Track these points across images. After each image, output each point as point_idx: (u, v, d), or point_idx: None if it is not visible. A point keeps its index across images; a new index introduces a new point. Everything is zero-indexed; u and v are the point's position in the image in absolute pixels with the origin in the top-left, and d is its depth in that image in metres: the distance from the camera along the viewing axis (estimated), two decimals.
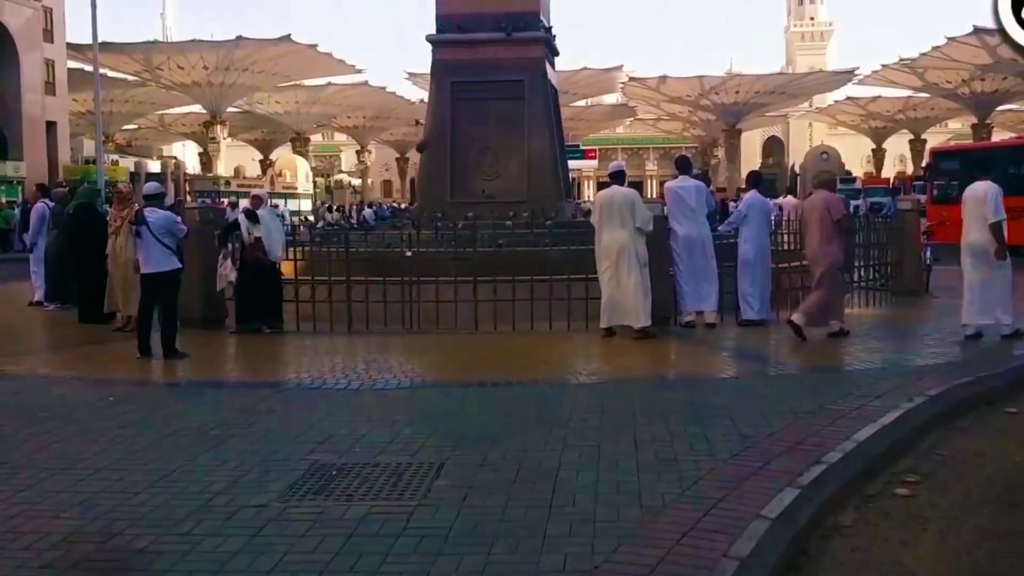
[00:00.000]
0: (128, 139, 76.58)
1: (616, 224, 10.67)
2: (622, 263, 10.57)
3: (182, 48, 59.47)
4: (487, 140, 17.09)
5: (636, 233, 10.58)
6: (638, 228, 10.57)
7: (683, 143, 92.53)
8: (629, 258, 10.55)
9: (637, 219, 10.58)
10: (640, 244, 10.61)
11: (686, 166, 12.65)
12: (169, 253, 9.79)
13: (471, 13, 17.10)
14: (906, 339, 11.54)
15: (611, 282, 10.68)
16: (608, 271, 10.70)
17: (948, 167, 28.01)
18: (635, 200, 10.83)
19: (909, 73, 64.88)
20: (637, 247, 10.57)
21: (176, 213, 11.37)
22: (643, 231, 10.61)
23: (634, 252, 10.55)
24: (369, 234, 17.00)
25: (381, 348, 10.63)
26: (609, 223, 10.76)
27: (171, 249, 9.82)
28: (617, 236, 10.63)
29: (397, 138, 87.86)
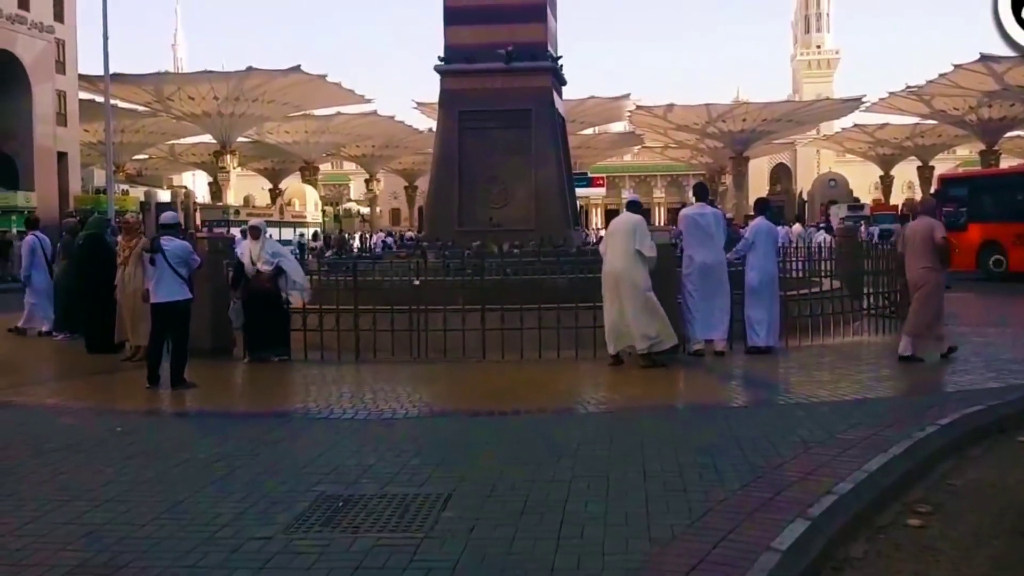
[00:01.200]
0: (138, 169, 77.06)
1: (618, 251, 10.64)
2: (623, 290, 10.53)
3: (193, 79, 59.99)
4: (495, 169, 17.18)
5: (636, 257, 10.49)
6: (638, 251, 10.49)
7: (690, 171, 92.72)
8: (629, 285, 10.48)
9: (638, 242, 10.53)
10: (640, 270, 10.50)
11: (704, 193, 12.66)
12: (181, 283, 9.78)
13: (479, 44, 17.25)
14: (916, 367, 11.44)
15: (612, 308, 10.64)
16: (608, 298, 10.68)
17: (956, 194, 28.02)
18: (637, 225, 10.76)
19: (916, 100, 64.99)
20: (636, 273, 10.48)
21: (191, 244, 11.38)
22: (644, 255, 10.52)
23: (632, 280, 10.47)
24: (377, 263, 17.03)
25: (388, 377, 10.61)
26: (612, 250, 10.76)
27: (183, 279, 9.81)
28: (617, 263, 10.60)
29: (406, 166, 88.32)
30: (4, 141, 44.03)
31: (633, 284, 10.46)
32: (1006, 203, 25.66)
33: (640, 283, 10.48)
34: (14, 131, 43.97)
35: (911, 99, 65.01)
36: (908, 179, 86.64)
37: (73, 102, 49.50)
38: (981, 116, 63.91)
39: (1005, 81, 56.16)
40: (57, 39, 46.97)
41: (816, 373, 10.60)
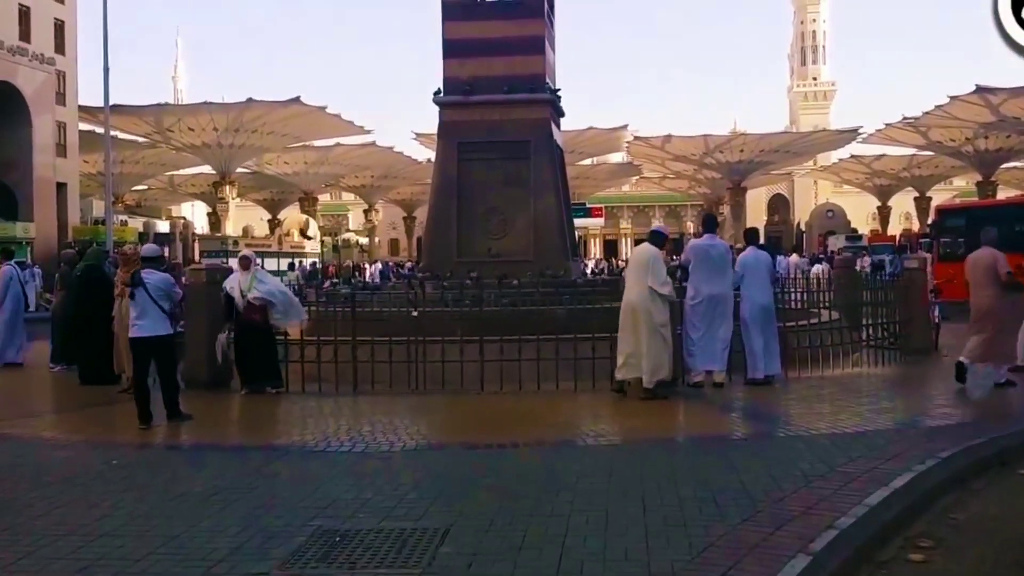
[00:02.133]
0: (137, 200, 77.30)
1: (634, 283, 10.64)
2: (638, 322, 10.49)
3: (193, 110, 60.29)
4: (493, 200, 17.21)
5: (651, 291, 10.47)
6: (651, 287, 10.48)
7: (688, 201, 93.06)
8: (644, 318, 10.44)
9: (650, 278, 10.51)
10: (655, 303, 10.47)
11: (713, 225, 12.64)
12: (163, 317, 9.55)
13: (477, 76, 17.35)
14: (916, 399, 11.42)
15: (629, 339, 10.58)
16: (624, 327, 10.64)
17: (954, 225, 28.10)
18: (653, 259, 10.70)
19: (913, 132, 65.35)
20: (652, 306, 10.45)
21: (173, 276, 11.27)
22: (656, 291, 10.49)
23: (647, 312, 10.44)
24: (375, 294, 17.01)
25: (386, 409, 10.55)
26: (629, 281, 10.80)
27: (165, 313, 9.59)
28: (633, 294, 10.59)
29: (404, 197, 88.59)
30: (4, 171, 44.14)
31: (648, 317, 10.42)
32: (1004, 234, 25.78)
33: (655, 317, 10.43)
34: (14, 162, 44.09)
35: (908, 130, 65.37)
36: (905, 210, 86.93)
37: (73, 133, 49.69)
38: (978, 147, 64.25)
39: (1001, 112, 56.53)
40: (58, 71, 47.23)
41: (816, 405, 10.56)
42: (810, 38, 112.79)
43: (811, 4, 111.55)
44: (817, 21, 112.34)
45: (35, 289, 33.20)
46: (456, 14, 17.74)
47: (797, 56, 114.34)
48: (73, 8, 49.13)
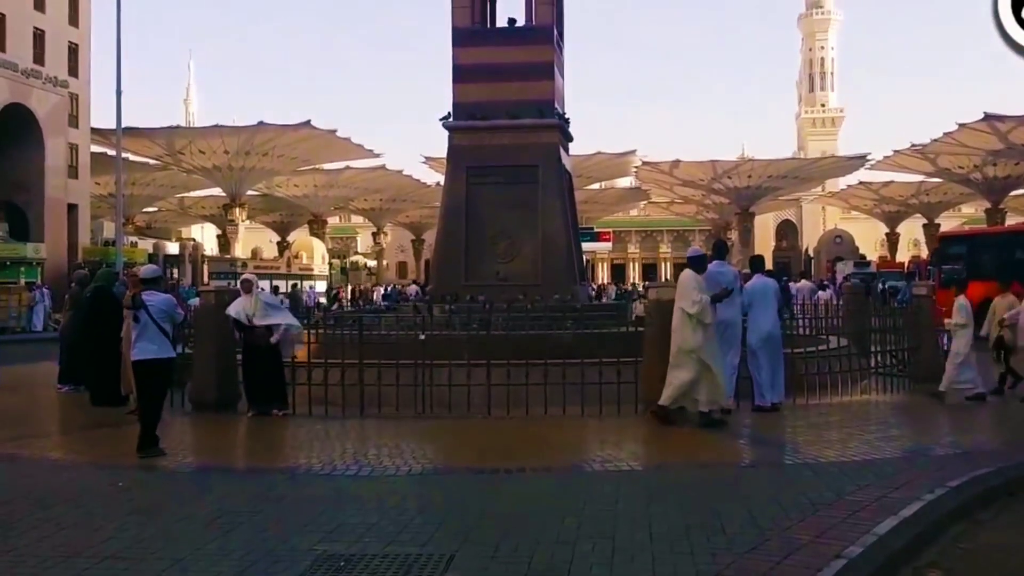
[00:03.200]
0: (148, 221, 77.59)
1: (676, 308, 10.62)
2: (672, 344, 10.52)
3: (204, 133, 60.60)
4: (502, 224, 17.26)
5: (684, 316, 10.44)
6: (683, 309, 10.45)
7: (696, 226, 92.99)
8: (673, 340, 10.48)
9: (682, 301, 10.50)
10: (686, 327, 10.43)
11: (723, 251, 12.60)
12: (164, 339, 9.27)
13: (487, 101, 17.45)
14: (925, 427, 11.37)
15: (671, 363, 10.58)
16: (673, 351, 10.61)
17: (956, 252, 28.16)
18: (686, 282, 10.67)
19: (921, 158, 65.31)
20: (685, 331, 10.42)
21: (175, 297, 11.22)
22: (689, 313, 10.43)
23: (679, 335, 10.44)
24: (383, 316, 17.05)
25: (393, 433, 10.54)
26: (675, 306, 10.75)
27: (167, 335, 9.35)
28: (673, 319, 10.59)
29: (413, 220, 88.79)
30: (15, 193, 44.42)
31: (685, 343, 10.41)
32: (1005, 261, 25.74)
33: (687, 341, 10.39)
34: (26, 183, 44.37)
35: (916, 157, 65.33)
36: (914, 236, 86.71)
37: (85, 155, 50.01)
38: (986, 174, 64.17)
39: (1009, 140, 56.51)
40: (71, 93, 47.60)
41: (824, 432, 10.52)
42: (818, 65, 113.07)
43: (819, 31, 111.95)
44: (825, 48, 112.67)
45: (44, 309, 33.38)
46: (466, 40, 17.88)
47: (805, 83, 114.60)
48: (87, 31, 49.58)
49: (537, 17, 18.12)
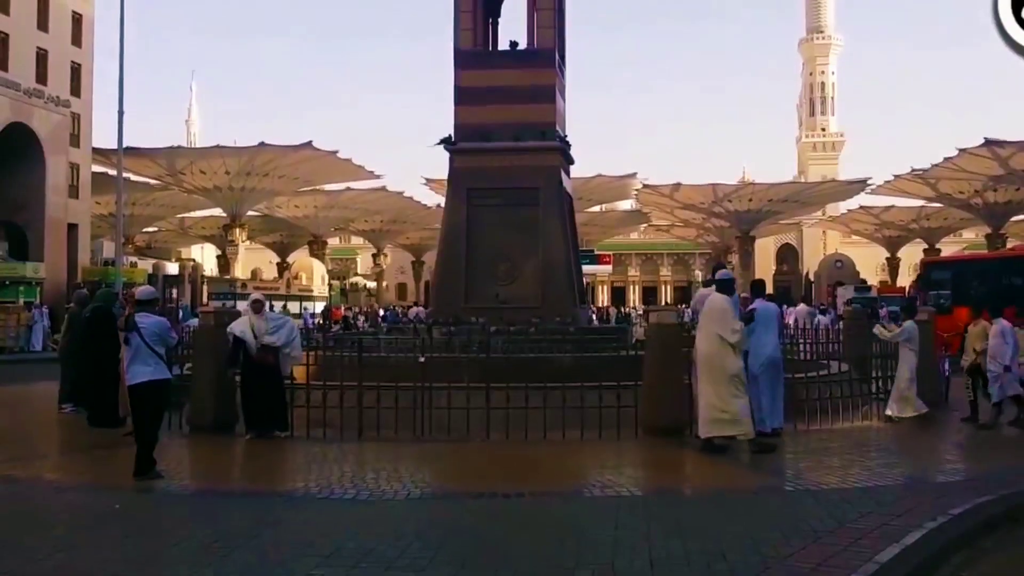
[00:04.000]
0: (148, 241, 77.65)
1: (709, 333, 10.48)
2: (708, 371, 10.39)
3: (205, 153, 60.73)
4: (502, 246, 17.27)
5: (723, 341, 10.36)
6: (720, 336, 10.37)
7: (697, 249, 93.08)
8: (719, 369, 10.33)
9: (719, 327, 10.40)
10: (728, 353, 10.34)
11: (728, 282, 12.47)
12: (158, 361, 9.14)
13: (489, 123, 17.50)
14: (926, 453, 11.31)
15: (708, 390, 10.44)
16: (703, 379, 10.51)
17: (940, 278, 28.33)
18: (724, 308, 10.55)
19: (921, 183, 65.40)
20: (726, 357, 10.32)
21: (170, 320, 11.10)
22: (726, 340, 10.35)
23: (721, 361, 10.31)
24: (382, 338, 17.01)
25: (391, 457, 10.49)
26: (702, 331, 10.63)
27: (161, 357, 9.22)
28: (707, 344, 10.47)
29: (413, 242, 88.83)
30: (15, 212, 44.43)
31: (722, 368, 10.29)
32: (990, 287, 25.81)
33: (728, 367, 10.31)
34: (26, 202, 44.39)
35: (916, 182, 65.42)
36: (915, 261, 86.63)
37: (86, 175, 50.07)
38: (987, 200, 64.25)
39: (1010, 166, 56.62)
40: (73, 113, 47.71)
41: (825, 459, 10.46)
42: (819, 89, 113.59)
43: (820, 56, 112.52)
44: (826, 73, 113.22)
45: (43, 329, 33.32)
46: (468, 62, 17.97)
47: (806, 107, 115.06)
48: (90, 51, 49.81)
49: (539, 40, 18.21)
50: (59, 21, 47.07)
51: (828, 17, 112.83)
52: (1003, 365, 12.35)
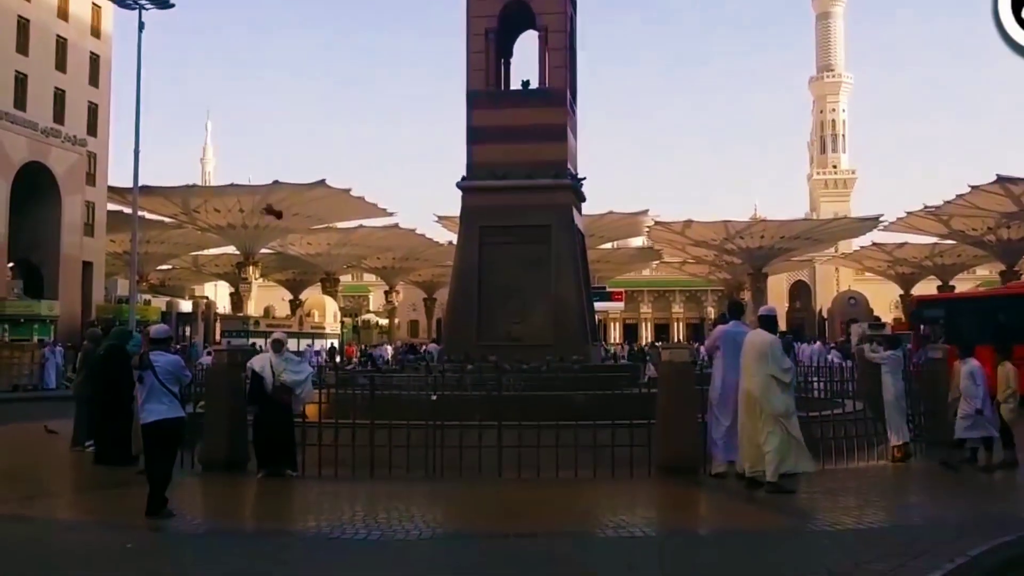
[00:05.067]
0: (162, 279, 78.11)
1: (754, 372, 10.33)
2: (757, 412, 10.26)
3: (219, 192, 61.18)
4: (514, 283, 17.29)
5: (772, 380, 10.24)
6: (772, 376, 10.25)
7: (709, 286, 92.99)
8: (764, 407, 10.20)
9: (771, 366, 10.26)
10: (778, 393, 10.23)
11: (740, 311, 12.40)
12: (172, 399, 9.15)
13: (502, 162, 17.61)
14: (942, 493, 11.18)
15: (748, 427, 10.34)
16: (744, 417, 10.40)
17: (933, 315, 28.31)
18: (773, 346, 10.43)
19: (934, 220, 65.32)
20: (775, 397, 10.20)
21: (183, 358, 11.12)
22: (780, 379, 10.26)
23: (768, 401, 10.18)
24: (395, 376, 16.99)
25: (403, 496, 10.43)
26: (748, 369, 10.43)
27: (175, 396, 9.23)
28: (752, 383, 10.32)
29: (425, 279, 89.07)
30: (31, 250, 44.82)
31: (769, 407, 10.17)
32: (981, 325, 25.70)
33: (776, 406, 10.18)
34: (41, 240, 44.81)
35: (929, 219, 65.35)
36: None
37: (101, 213, 50.53)
38: (1000, 237, 64.07)
39: (1022, 202, 56.54)
40: (89, 152, 48.25)
41: (841, 498, 10.34)
42: (829, 127, 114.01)
43: (830, 94, 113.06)
44: (836, 111, 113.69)
45: (56, 367, 33.44)
46: (481, 102, 18.13)
47: (817, 144, 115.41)
48: (107, 91, 50.50)
49: (550, 80, 18.34)
50: (77, 62, 47.82)
51: (838, 56, 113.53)
52: (975, 408, 12.07)
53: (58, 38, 46.58)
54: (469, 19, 18.35)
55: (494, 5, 18.27)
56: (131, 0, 32.38)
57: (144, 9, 31.93)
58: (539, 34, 18.52)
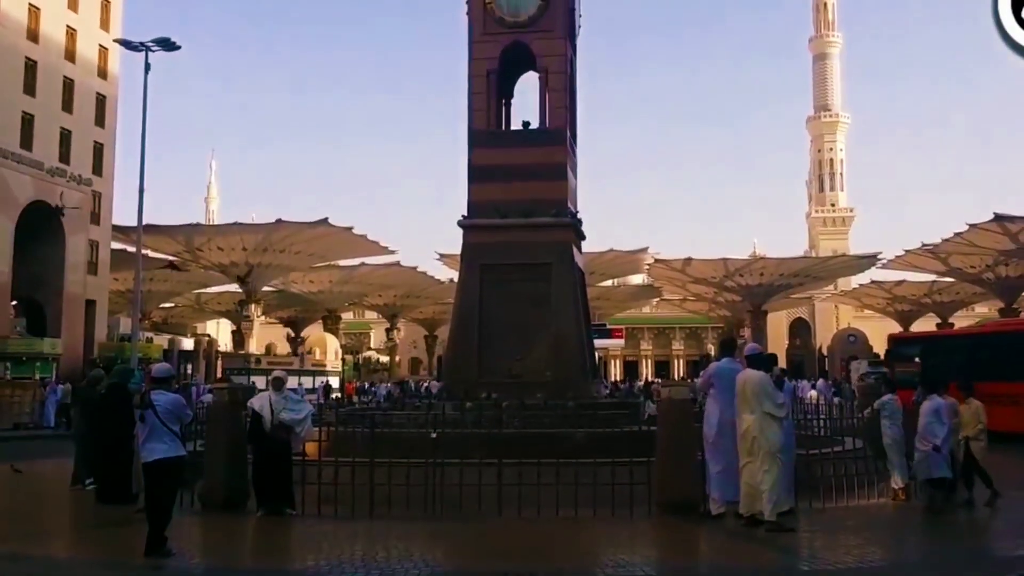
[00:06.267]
0: (164, 317, 78.21)
1: (750, 410, 10.40)
2: (754, 448, 10.29)
3: (223, 230, 61.37)
4: (514, 321, 17.37)
5: (769, 418, 10.31)
6: (767, 413, 10.32)
7: (709, 323, 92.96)
8: (762, 444, 10.24)
9: (767, 404, 10.33)
10: (772, 429, 10.29)
11: (732, 348, 12.46)
12: (173, 438, 9.18)
13: (502, 200, 17.78)
14: (943, 530, 11.16)
15: (746, 468, 10.35)
16: (742, 455, 10.43)
17: (908, 353, 28.45)
18: (765, 384, 10.50)
19: (932, 258, 65.51)
20: (772, 434, 10.26)
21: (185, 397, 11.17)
22: (774, 416, 10.33)
23: (766, 439, 10.23)
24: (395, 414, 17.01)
25: (402, 535, 10.42)
26: (744, 408, 10.50)
27: (176, 435, 9.25)
28: (749, 422, 10.37)
29: (426, 316, 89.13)
30: (34, 288, 44.93)
31: (767, 444, 10.22)
32: (956, 364, 25.75)
33: (773, 443, 10.23)
34: (45, 278, 44.93)
35: (927, 256, 65.55)
36: None
37: (105, 251, 50.75)
38: (998, 274, 64.20)
39: (1020, 240, 56.72)
40: (94, 191, 48.54)
41: (842, 537, 10.32)
42: (827, 165, 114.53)
43: (827, 133, 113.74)
44: (834, 149, 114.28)
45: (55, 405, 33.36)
46: (483, 141, 18.34)
47: (815, 182, 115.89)
48: (112, 131, 50.92)
49: (551, 120, 18.56)
50: (83, 102, 48.32)
51: (835, 96, 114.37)
52: (933, 444, 11.84)
53: (65, 79, 47.10)
54: (471, 60, 18.62)
55: (495, 47, 18.55)
56: (138, 42, 32.74)
57: (150, 51, 32.27)
58: (539, 75, 18.78)
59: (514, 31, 18.49)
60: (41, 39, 45.36)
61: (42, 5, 45.56)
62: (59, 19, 46.75)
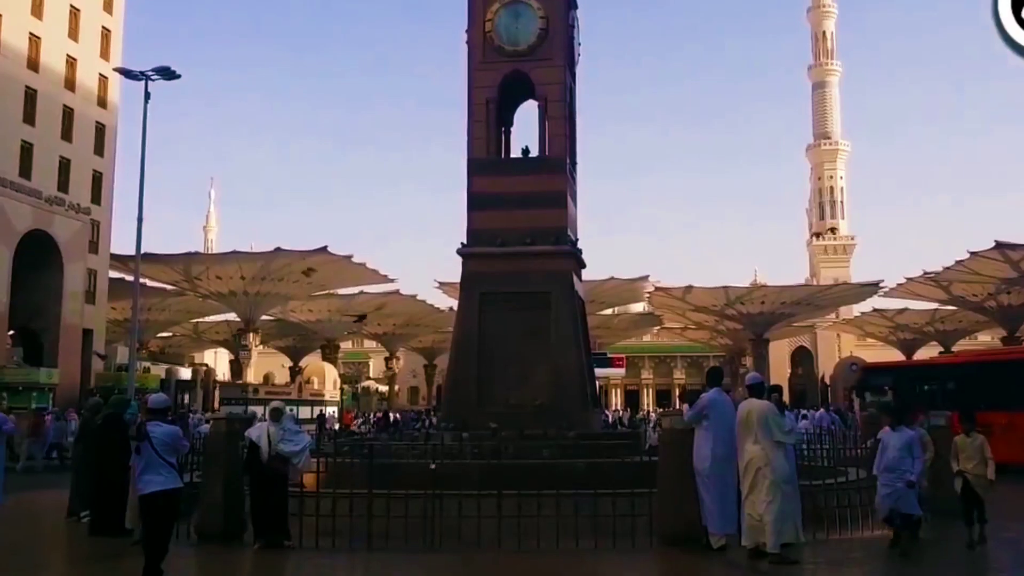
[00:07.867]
0: (162, 346, 78.01)
1: (754, 440, 10.25)
2: (758, 479, 10.13)
3: (222, 259, 61.33)
4: (514, 350, 17.25)
5: (777, 447, 10.17)
6: (777, 441, 10.17)
7: (710, 352, 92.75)
8: (768, 474, 10.09)
9: (776, 432, 10.19)
10: (778, 459, 10.15)
11: (719, 378, 12.26)
12: (170, 470, 9.07)
13: (502, 228, 17.71)
14: (946, 564, 10.98)
15: (748, 498, 10.18)
16: (745, 487, 10.26)
17: (879, 383, 28.35)
18: (769, 413, 10.36)
19: (934, 286, 65.50)
20: (775, 462, 10.12)
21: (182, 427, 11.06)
22: (782, 443, 10.20)
23: (772, 468, 10.08)
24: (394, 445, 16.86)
25: (401, 568, 10.27)
26: (747, 439, 10.34)
27: (172, 467, 9.14)
28: (753, 452, 10.22)
29: (425, 345, 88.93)
30: (31, 317, 44.84)
31: (772, 474, 10.06)
32: (926, 393, 25.61)
33: (778, 473, 10.08)
34: (42, 308, 44.87)
35: (929, 284, 65.54)
36: None
37: (103, 280, 50.67)
38: (1000, 302, 64.15)
39: (1021, 268, 56.74)
40: (93, 220, 48.58)
41: (846, 570, 10.17)
42: (828, 194, 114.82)
43: (827, 161, 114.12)
44: (834, 177, 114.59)
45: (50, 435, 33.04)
46: (482, 169, 18.30)
47: (815, 211, 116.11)
48: (111, 160, 51.04)
49: (550, 148, 18.52)
50: (82, 131, 48.45)
51: (835, 124, 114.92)
52: (907, 480, 11.09)
53: (65, 108, 47.27)
54: (470, 89, 18.62)
55: (495, 76, 18.56)
56: (138, 72, 32.80)
57: (150, 80, 32.31)
58: (539, 103, 18.78)
59: (513, 60, 18.51)
60: (41, 68, 45.56)
61: (43, 34, 45.81)
62: (59, 48, 46.99)
